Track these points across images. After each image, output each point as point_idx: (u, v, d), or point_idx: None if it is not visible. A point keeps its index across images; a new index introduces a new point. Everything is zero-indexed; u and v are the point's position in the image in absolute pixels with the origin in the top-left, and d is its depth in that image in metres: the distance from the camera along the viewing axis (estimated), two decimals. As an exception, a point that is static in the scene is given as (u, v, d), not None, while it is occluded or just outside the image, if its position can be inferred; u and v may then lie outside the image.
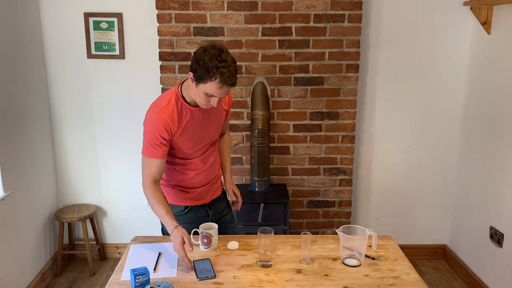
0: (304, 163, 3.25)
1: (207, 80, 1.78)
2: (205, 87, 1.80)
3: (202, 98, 1.85)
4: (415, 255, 3.58)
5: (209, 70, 1.75)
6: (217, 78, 1.76)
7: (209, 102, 1.86)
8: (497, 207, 2.90)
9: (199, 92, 1.84)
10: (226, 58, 1.78)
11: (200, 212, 2.16)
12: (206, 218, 2.18)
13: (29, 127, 3.04)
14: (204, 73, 1.77)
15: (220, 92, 1.81)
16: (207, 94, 1.83)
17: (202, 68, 1.76)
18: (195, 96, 1.88)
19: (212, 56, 1.76)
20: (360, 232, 1.93)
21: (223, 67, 1.76)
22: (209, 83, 1.78)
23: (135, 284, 1.63)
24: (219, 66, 1.75)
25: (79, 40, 3.22)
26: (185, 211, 2.13)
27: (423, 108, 3.36)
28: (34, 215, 3.12)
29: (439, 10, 3.20)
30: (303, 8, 3.01)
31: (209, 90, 1.80)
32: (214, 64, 1.75)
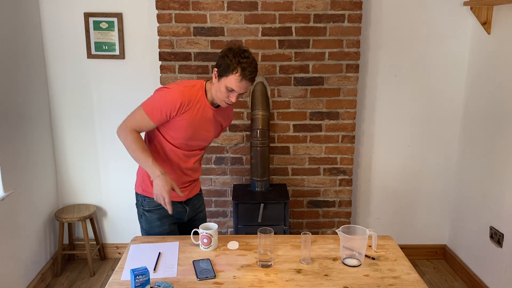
0: (304, 163, 3.25)
1: (229, 73, 1.94)
2: (226, 81, 1.96)
3: (223, 93, 1.99)
4: (415, 255, 3.58)
5: (232, 64, 1.93)
6: (238, 71, 1.93)
7: (228, 97, 2.00)
8: (497, 207, 2.90)
9: (220, 86, 1.98)
10: (248, 55, 1.97)
11: (178, 207, 2.22)
12: (184, 213, 2.26)
13: (29, 127, 3.04)
14: (227, 67, 1.94)
15: (239, 86, 1.96)
16: (228, 89, 1.97)
17: (225, 63, 1.94)
18: (216, 92, 2.02)
19: (236, 53, 1.95)
20: (360, 232, 1.93)
21: (245, 63, 1.94)
22: (231, 76, 1.94)
23: (135, 284, 1.63)
24: (241, 61, 1.93)
25: (79, 40, 3.22)
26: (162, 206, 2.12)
27: (423, 108, 3.36)
28: (34, 215, 3.12)
29: (439, 10, 3.20)
30: (303, 8, 3.01)
31: (230, 83, 1.95)
32: (237, 60, 1.93)
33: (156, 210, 2.17)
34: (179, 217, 2.24)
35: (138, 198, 2.22)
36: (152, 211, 2.18)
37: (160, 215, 2.17)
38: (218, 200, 3.29)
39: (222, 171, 3.25)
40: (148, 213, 2.19)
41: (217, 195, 3.28)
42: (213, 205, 3.30)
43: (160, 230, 2.20)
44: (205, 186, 3.26)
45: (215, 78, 2.01)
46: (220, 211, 3.31)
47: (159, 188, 1.94)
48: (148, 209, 2.18)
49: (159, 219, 2.18)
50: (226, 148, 3.22)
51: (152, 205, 2.16)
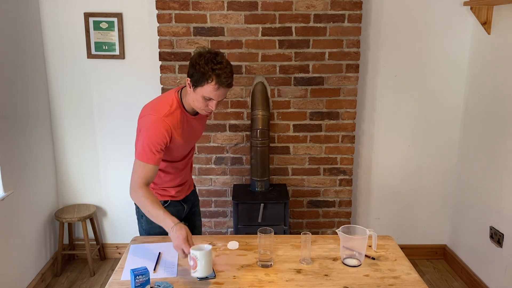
0: (304, 163, 3.25)
1: (204, 83, 1.83)
2: (202, 91, 1.85)
3: (201, 102, 1.90)
4: (415, 255, 3.58)
5: (205, 72, 1.80)
6: (214, 80, 1.81)
7: (207, 106, 1.91)
8: (497, 207, 2.90)
9: (197, 96, 1.89)
10: (221, 60, 1.83)
11: (177, 206, 2.23)
12: (182, 211, 2.27)
13: (29, 127, 3.04)
14: (200, 76, 1.82)
15: (217, 94, 1.86)
16: (205, 98, 1.88)
17: (198, 72, 1.82)
18: (193, 102, 1.93)
19: (208, 59, 1.81)
20: (360, 232, 1.93)
21: (219, 69, 1.81)
22: (206, 86, 1.83)
23: (135, 284, 1.63)
24: (214, 68, 1.80)
25: (79, 40, 3.22)
26: (164, 205, 2.17)
27: (423, 108, 3.36)
28: (34, 215, 3.12)
29: (439, 10, 3.20)
30: (303, 8, 3.01)
31: (207, 93, 1.85)
32: (210, 67, 1.80)
33: None
34: (178, 215, 2.23)
35: None
36: None
37: None
38: (218, 200, 3.29)
39: (222, 171, 3.25)
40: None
41: (217, 195, 3.28)
42: (213, 205, 3.30)
43: (161, 229, 2.18)
44: (205, 186, 3.26)
45: (189, 87, 1.90)
46: (220, 211, 3.31)
47: (177, 240, 1.82)
48: None
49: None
50: (226, 148, 3.22)
51: None
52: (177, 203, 2.24)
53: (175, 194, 2.21)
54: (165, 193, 2.19)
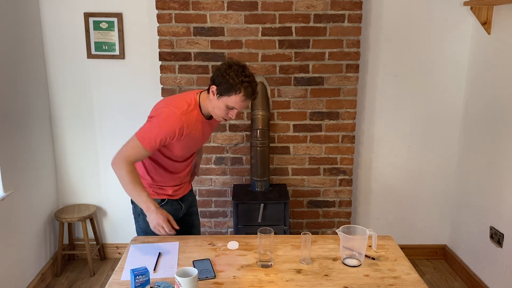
0: (304, 163, 3.25)
1: (232, 93, 1.91)
2: (228, 100, 1.93)
3: (222, 110, 1.97)
4: (415, 255, 3.58)
5: (235, 84, 1.89)
6: (242, 92, 1.91)
7: (227, 114, 1.98)
8: (497, 207, 2.90)
9: (220, 104, 1.96)
10: (249, 74, 1.95)
11: (174, 205, 2.25)
12: (179, 210, 2.29)
13: (29, 127, 3.04)
14: (229, 87, 1.90)
15: (242, 105, 1.96)
16: (228, 107, 1.96)
17: (227, 82, 1.90)
18: (214, 108, 1.99)
19: (238, 71, 1.91)
20: (360, 232, 1.93)
21: (248, 82, 1.92)
22: (233, 96, 1.92)
23: (135, 284, 1.63)
24: (244, 81, 1.90)
25: (79, 40, 3.22)
26: (161, 204, 2.19)
27: (423, 108, 3.36)
28: (34, 215, 3.12)
29: (439, 10, 3.20)
30: (303, 8, 3.01)
31: (232, 103, 1.94)
32: (240, 79, 1.90)
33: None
34: (175, 214, 2.26)
35: None
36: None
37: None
38: (218, 200, 3.29)
39: (222, 171, 3.25)
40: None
41: (217, 195, 3.28)
42: (213, 205, 3.30)
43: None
44: (205, 186, 3.26)
45: (213, 95, 1.96)
46: (220, 211, 3.31)
47: (155, 221, 1.93)
48: None
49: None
50: (226, 148, 3.22)
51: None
52: (174, 202, 2.25)
53: (172, 193, 2.22)
54: (162, 192, 2.20)
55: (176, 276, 1.58)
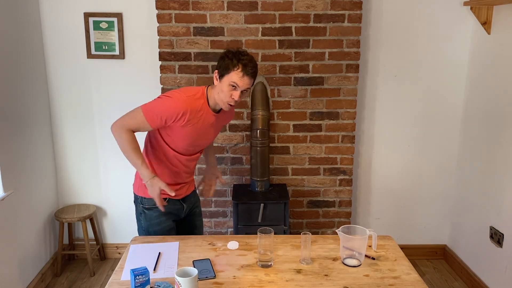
0: (304, 163, 3.25)
1: (231, 70, 1.98)
2: (228, 77, 1.99)
3: (226, 92, 2.01)
4: (415, 255, 3.58)
5: (233, 61, 1.98)
6: (240, 67, 1.97)
7: (231, 96, 2.01)
8: (497, 207, 2.90)
9: (222, 86, 2.01)
10: (247, 54, 2.03)
11: (176, 205, 2.26)
12: (181, 210, 2.30)
13: (29, 127, 3.04)
14: (228, 64, 1.98)
15: (242, 82, 1.99)
16: (231, 85, 1.99)
17: (226, 61, 1.99)
18: (218, 94, 2.04)
19: (235, 52, 2.01)
20: (360, 232, 1.93)
21: (245, 60, 1.99)
22: (232, 73, 1.98)
23: (135, 284, 1.63)
24: (241, 58, 1.99)
25: (79, 40, 3.22)
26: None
27: (423, 108, 3.36)
28: (34, 215, 3.12)
29: (439, 10, 3.20)
30: (303, 8, 3.01)
31: (232, 79, 1.98)
32: (237, 57, 1.99)
33: (156, 208, 2.18)
34: (177, 214, 2.29)
35: (137, 197, 2.25)
36: (152, 209, 2.20)
37: (159, 212, 2.20)
38: (218, 200, 3.29)
39: (222, 171, 3.25)
40: (148, 210, 2.21)
41: (217, 195, 3.28)
42: (213, 205, 3.30)
43: (160, 227, 2.22)
44: (205, 186, 3.26)
45: (216, 80, 2.04)
46: (220, 211, 3.31)
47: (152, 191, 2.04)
48: (148, 207, 2.20)
49: (159, 216, 2.21)
50: (226, 148, 3.22)
51: (152, 203, 2.17)
52: (176, 202, 2.25)
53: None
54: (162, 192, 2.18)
55: (176, 276, 1.58)
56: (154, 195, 2.03)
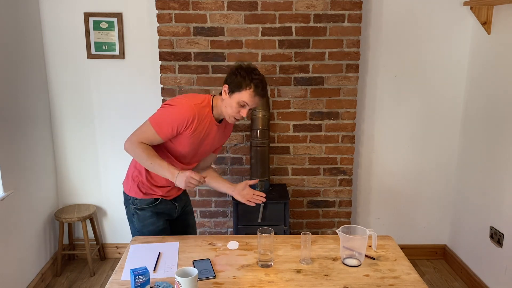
0: (304, 163, 3.25)
1: (243, 89, 1.99)
2: (239, 96, 2.00)
3: (234, 108, 2.02)
4: (415, 255, 3.58)
5: (246, 80, 1.99)
6: (252, 87, 1.99)
7: (238, 113, 2.03)
8: (497, 207, 2.90)
9: (231, 102, 2.01)
10: (259, 73, 2.04)
11: (168, 205, 2.26)
12: (174, 210, 2.29)
13: (29, 127, 3.04)
14: (240, 82, 1.99)
15: (252, 101, 2.01)
16: (240, 103, 2.01)
17: (238, 79, 1.99)
18: (226, 107, 2.04)
19: (248, 70, 2.02)
20: (360, 232, 1.93)
21: (257, 79, 2.00)
22: (244, 92, 1.99)
23: (135, 284, 1.63)
24: (254, 77, 2.00)
25: (79, 40, 3.23)
26: (155, 203, 2.20)
27: (423, 108, 3.37)
28: (34, 215, 3.12)
29: (439, 10, 3.20)
30: (303, 8, 3.01)
31: (242, 98, 2.00)
32: (250, 76, 1.99)
33: (148, 208, 2.18)
34: (169, 214, 2.28)
35: (129, 198, 2.22)
36: (145, 209, 2.19)
37: (152, 212, 2.19)
38: (218, 200, 3.29)
39: (222, 171, 3.25)
40: (141, 211, 2.19)
41: (217, 195, 3.28)
42: (213, 205, 3.30)
43: (153, 227, 2.21)
44: (205, 186, 3.25)
45: (225, 94, 2.04)
46: (220, 211, 3.31)
47: (183, 179, 1.94)
48: (141, 207, 2.19)
49: (152, 217, 2.20)
50: (226, 148, 3.21)
51: (144, 203, 2.17)
52: (168, 202, 2.25)
53: (164, 194, 2.22)
54: (154, 192, 2.20)
55: (176, 276, 1.58)
56: (190, 179, 1.93)
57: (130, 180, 2.21)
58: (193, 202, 3.26)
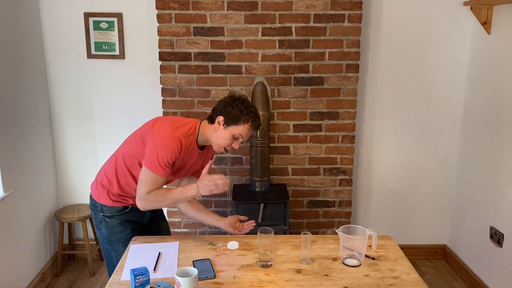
0: (304, 163, 3.25)
1: (240, 122, 1.97)
2: (235, 129, 1.98)
3: (228, 140, 2.00)
4: (415, 255, 3.58)
5: (243, 113, 1.97)
6: (250, 121, 1.99)
7: (231, 145, 2.02)
8: (497, 207, 2.90)
9: (226, 134, 1.99)
10: (254, 105, 2.04)
11: (138, 212, 2.18)
12: (144, 217, 2.24)
13: (29, 127, 3.04)
14: (238, 116, 1.96)
15: (247, 135, 2.02)
16: (234, 137, 2.00)
17: (236, 112, 1.97)
18: (218, 139, 2.01)
19: (243, 101, 2.00)
20: (360, 232, 1.93)
21: (253, 112, 2.00)
22: (241, 126, 1.98)
23: (135, 284, 1.63)
24: (251, 111, 1.99)
25: (79, 40, 3.22)
26: (125, 211, 2.15)
27: (423, 108, 3.36)
28: (34, 215, 3.12)
29: (439, 10, 3.20)
30: (303, 8, 3.01)
31: (239, 131, 1.99)
32: (248, 110, 1.98)
33: (117, 215, 2.13)
34: (139, 221, 2.23)
35: (97, 204, 2.16)
36: (114, 216, 2.14)
37: (121, 220, 2.14)
38: (218, 200, 3.29)
39: (222, 171, 3.25)
40: (109, 218, 2.14)
41: (217, 195, 3.27)
42: (213, 205, 3.30)
43: (122, 235, 2.15)
44: (205, 186, 3.25)
45: (219, 125, 1.99)
46: (220, 211, 3.31)
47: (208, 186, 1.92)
48: (110, 215, 2.14)
49: (121, 224, 2.15)
50: (226, 148, 3.21)
51: (113, 210, 2.13)
52: (137, 209, 2.16)
53: (133, 203, 2.16)
54: (125, 200, 2.15)
55: (176, 276, 1.58)
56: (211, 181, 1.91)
57: (99, 186, 2.15)
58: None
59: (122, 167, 2.11)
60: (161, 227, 2.39)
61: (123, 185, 2.12)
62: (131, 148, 2.10)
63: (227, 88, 3.11)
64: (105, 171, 2.16)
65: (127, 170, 2.10)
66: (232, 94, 2.04)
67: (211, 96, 3.12)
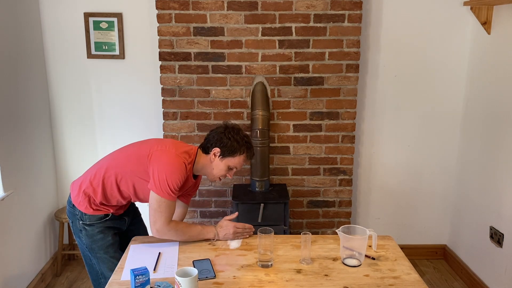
0: (304, 163, 3.25)
1: (236, 154, 2.03)
2: (231, 161, 2.05)
3: (223, 171, 2.07)
4: (415, 255, 3.58)
5: (239, 146, 2.02)
6: (245, 152, 2.05)
7: (225, 176, 2.07)
8: (497, 207, 2.90)
9: (222, 166, 2.06)
10: (247, 135, 2.09)
11: (117, 219, 2.20)
12: (124, 224, 2.25)
13: (29, 127, 3.04)
14: (235, 148, 2.02)
15: (242, 164, 2.09)
16: (229, 167, 2.06)
17: (232, 144, 2.02)
18: (213, 169, 2.07)
19: (238, 133, 2.04)
20: (360, 232, 1.93)
21: (249, 143, 2.06)
22: (237, 157, 2.04)
23: (135, 284, 1.63)
24: (246, 141, 2.05)
25: (79, 40, 3.23)
26: (105, 219, 2.14)
27: (423, 108, 3.36)
28: (34, 215, 3.12)
29: (439, 10, 3.20)
30: (303, 8, 3.01)
31: (234, 163, 2.05)
32: (244, 141, 2.04)
33: (97, 223, 2.11)
34: (119, 228, 2.23)
35: (77, 212, 2.12)
36: (94, 225, 2.11)
37: (101, 228, 2.12)
38: (218, 200, 3.29)
39: (222, 171, 3.25)
40: (89, 226, 2.11)
41: (217, 195, 3.28)
42: (213, 205, 3.30)
43: (103, 242, 2.13)
44: (205, 186, 3.26)
45: (215, 157, 2.05)
46: (220, 211, 3.31)
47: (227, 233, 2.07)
48: (90, 223, 2.11)
49: (101, 232, 2.12)
50: (226, 148, 3.21)
51: (94, 219, 2.11)
52: (117, 217, 2.20)
53: (113, 211, 2.16)
54: (105, 209, 2.13)
55: (176, 276, 1.58)
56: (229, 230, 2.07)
57: (81, 193, 2.10)
58: (193, 202, 3.26)
59: (111, 180, 2.08)
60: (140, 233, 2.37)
61: (108, 195, 2.10)
62: (125, 165, 2.08)
63: (227, 88, 3.11)
64: (90, 179, 2.10)
65: (115, 184, 2.08)
66: (224, 124, 2.09)
67: (211, 96, 3.12)
